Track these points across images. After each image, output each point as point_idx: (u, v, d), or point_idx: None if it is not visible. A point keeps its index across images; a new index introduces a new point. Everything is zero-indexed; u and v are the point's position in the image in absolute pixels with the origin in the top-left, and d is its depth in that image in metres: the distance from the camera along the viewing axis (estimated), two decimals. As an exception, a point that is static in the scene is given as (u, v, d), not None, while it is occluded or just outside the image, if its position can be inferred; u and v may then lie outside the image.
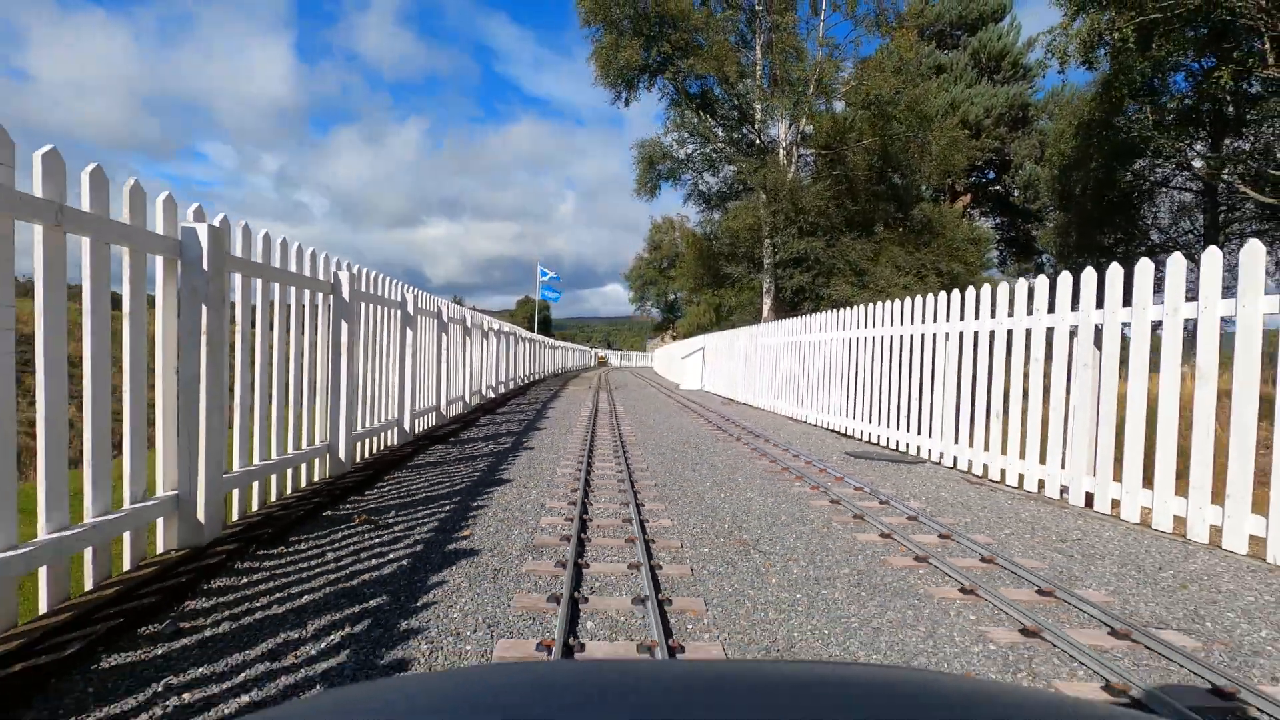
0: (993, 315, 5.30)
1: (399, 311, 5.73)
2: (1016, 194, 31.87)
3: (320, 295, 4.11)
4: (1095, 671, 1.93)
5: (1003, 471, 4.97)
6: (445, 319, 7.49)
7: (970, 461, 5.39)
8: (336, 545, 2.89)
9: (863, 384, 7.42)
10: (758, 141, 19.99)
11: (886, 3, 19.08)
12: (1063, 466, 4.45)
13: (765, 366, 11.45)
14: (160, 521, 2.58)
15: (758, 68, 19.56)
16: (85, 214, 2.14)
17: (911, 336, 6.44)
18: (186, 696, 1.64)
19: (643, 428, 7.79)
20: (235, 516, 3.09)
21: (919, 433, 6.21)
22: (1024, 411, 4.83)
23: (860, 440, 7.25)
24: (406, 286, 5.94)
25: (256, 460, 3.30)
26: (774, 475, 4.93)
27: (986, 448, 5.21)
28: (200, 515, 2.63)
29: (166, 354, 2.61)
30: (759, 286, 20.95)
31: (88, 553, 2.19)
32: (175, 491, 2.59)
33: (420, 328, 6.44)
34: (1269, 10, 13.15)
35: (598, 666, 0.45)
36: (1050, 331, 4.69)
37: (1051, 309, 4.70)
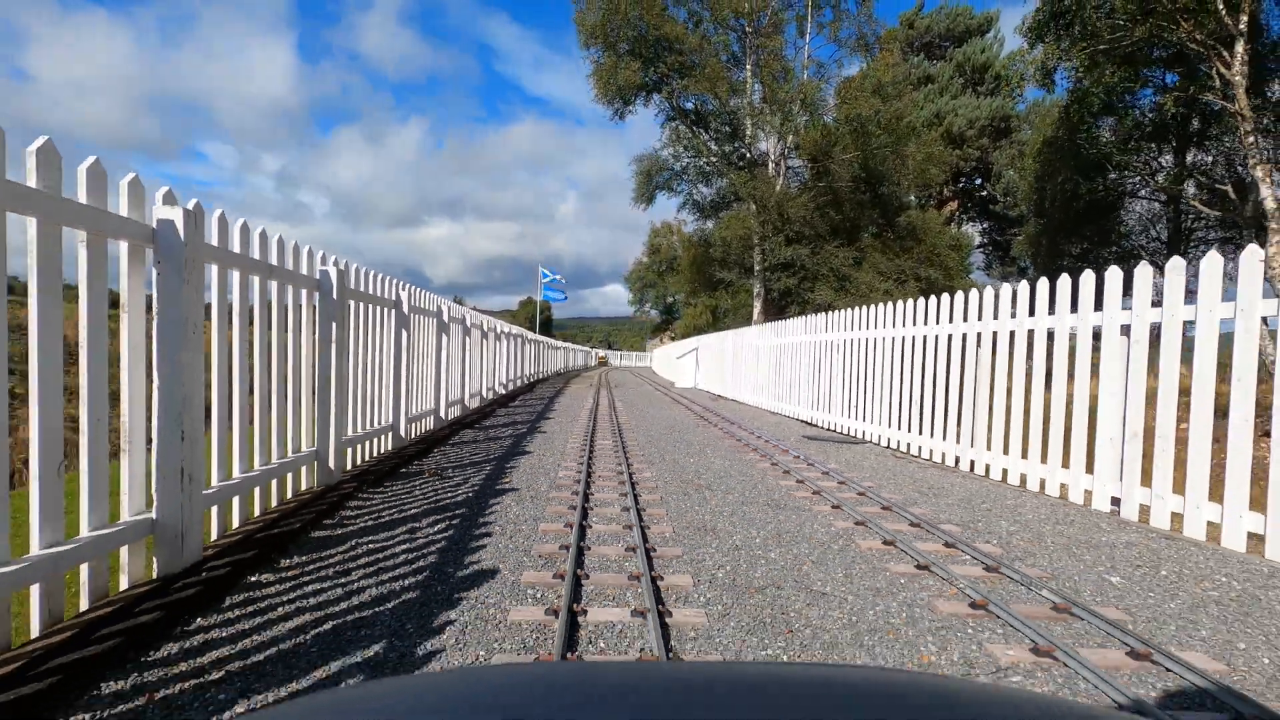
0: (914, 324, 6.69)
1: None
2: (998, 201, 33.23)
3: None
4: (879, 533, 3.31)
5: (920, 448, 6.37)
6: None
7: (897, 442, 6.78)
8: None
9: (823, 380, 8.81)
10: (748, 155, 21.39)
11: (866, 27, 20.47)
12: (957, 441, 5.84)
13: (748, 366, 12.85)
14: (305, 468, 3.97)
15: (748, 86, 20.95)
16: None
17: (856, 340, 7.84)
18: (371, 541, 3.04)
19: (637, 418, 9.19)
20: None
21: (863, 419, 7.60)
22: (934, 400, 6.21)
23: (820, 427, 8.64)
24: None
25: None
26: (736, 450, 6.33)
27: (909, 430, 6.60)
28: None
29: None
30: (750, 290, 22.33)
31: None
32: (315, 447, 3.98)
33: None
34: (1205, 42, 14.50)
35: (598, 667, 0.46)
36: (962, 337, 6.08)
37: (950, 319, 6.09)
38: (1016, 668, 2.00)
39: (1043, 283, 4.90)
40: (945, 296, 6.15)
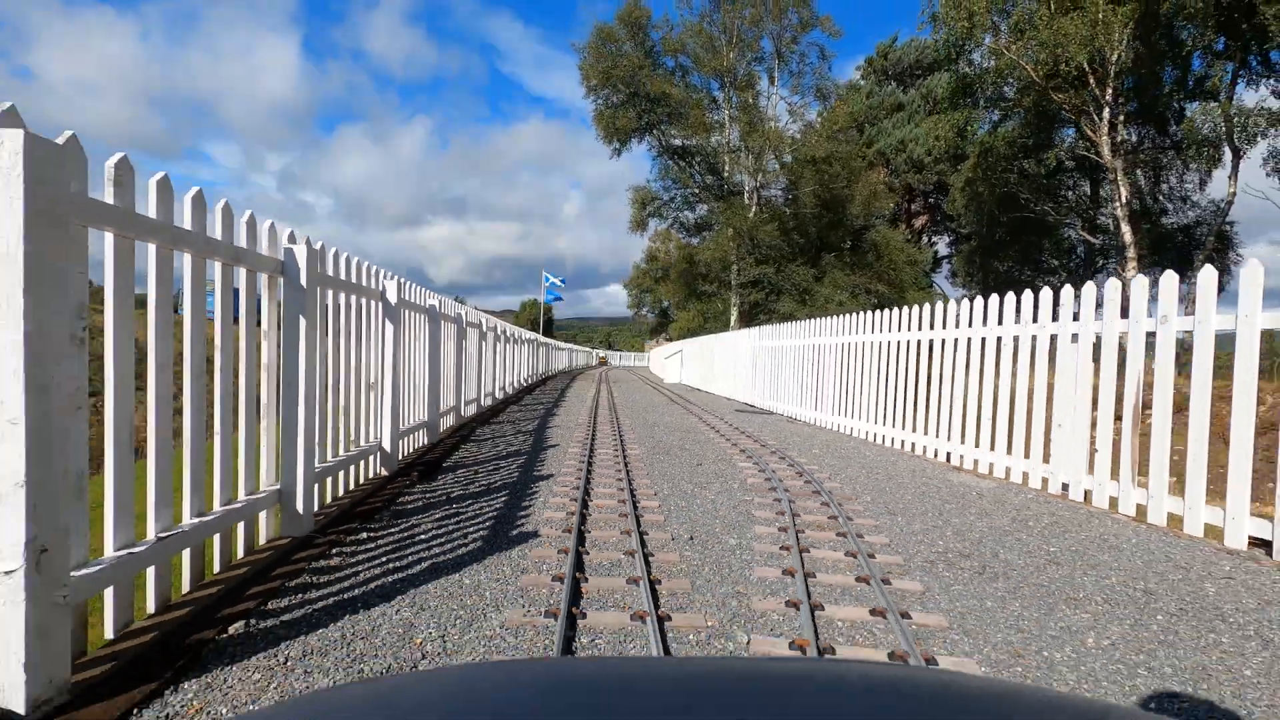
0: (804, 336, 10.53)
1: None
2: (955, 219, 37.11)
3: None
4: (728, 438, 7.11)
5: (801, 416, 10.20)
6: (499, 332, 12.71)
7: (795, 415, 10.62)
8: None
9: (759, 374, 12.66)
10: (726, 187, 25.27)
11: (825, 80, 24.34)
12: (815, 409, 9.67)
13: (716, 365, 16.72)
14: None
15: (726, 129, 24.81)
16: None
17: (776, 347, 11.69)
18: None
19: (628, 402, 13.03)
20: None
21: (777, 399, 11.45)
22: (818, 385, 10.02)
23: (752, 406, 12.47)
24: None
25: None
26: (686, 415, 10.18)
27: (798, 405, 10.45)
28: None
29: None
30: (729, 301, 26.21)
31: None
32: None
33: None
34: (1077, 108, 18.34)
35: (598, 664, 0.46)
36: (847, 345, 9.93)
37: (844, 331, 9.92)
38: (721, 451, 5.81)
39: (859, 315, 8.74)
40: (821, 319, 10.00)
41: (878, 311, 7.99)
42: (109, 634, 2.00)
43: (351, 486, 4.17)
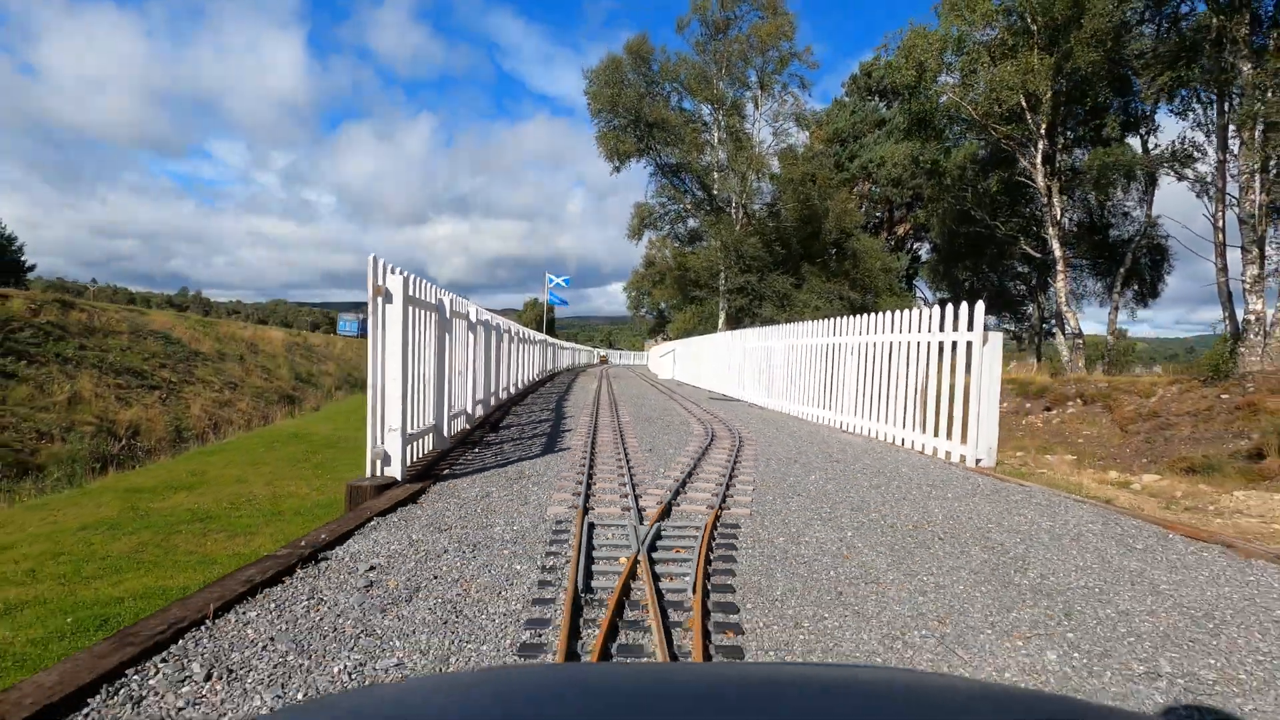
0: (761, 340, 13.44)
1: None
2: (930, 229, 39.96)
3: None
4: (697, 416, 10.00)
5: (763, 404, 13.12)
6: (524, 337, 15.60)
7: (755, 401, 13.52)
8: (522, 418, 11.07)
9: (730, 370, 15.58)
10: (715, 202, 28.19)
11: (804, 110, 27.25)
12: (769, 395, 12.58)
13: (702, 361, 19.65)
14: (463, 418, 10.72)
15: (715, 150, 27.71)
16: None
17: (743, 348, 14.60)
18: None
19: (624, 393, 15.95)
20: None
21: (744, 390, 14.36)
22: (769, 379, 12.90)
23: (726, 396, 15.37)
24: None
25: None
26: (669, 401, 13.09)
27: (766, 395, 13.36)
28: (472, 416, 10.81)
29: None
30: (716, 305, 29.14)
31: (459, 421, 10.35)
32: (482, 396, 10.72)
33: (501, 338, 14.43)
34: (1021, 141, 21.19)
35: (604, 670, 0.47)
36: (794, 347, 12.83)
37: (786, 336, 12.81)
38: (685, 420, 8.71)
39: (799, 324, 11.64)
40: (772, 327, 12.90)
41: (804, 322, 10.89)
42: (418, 457, 5.03)
43: (456, 430, 7.08)
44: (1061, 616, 2.62)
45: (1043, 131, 20.59)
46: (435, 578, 2.84)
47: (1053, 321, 24.59)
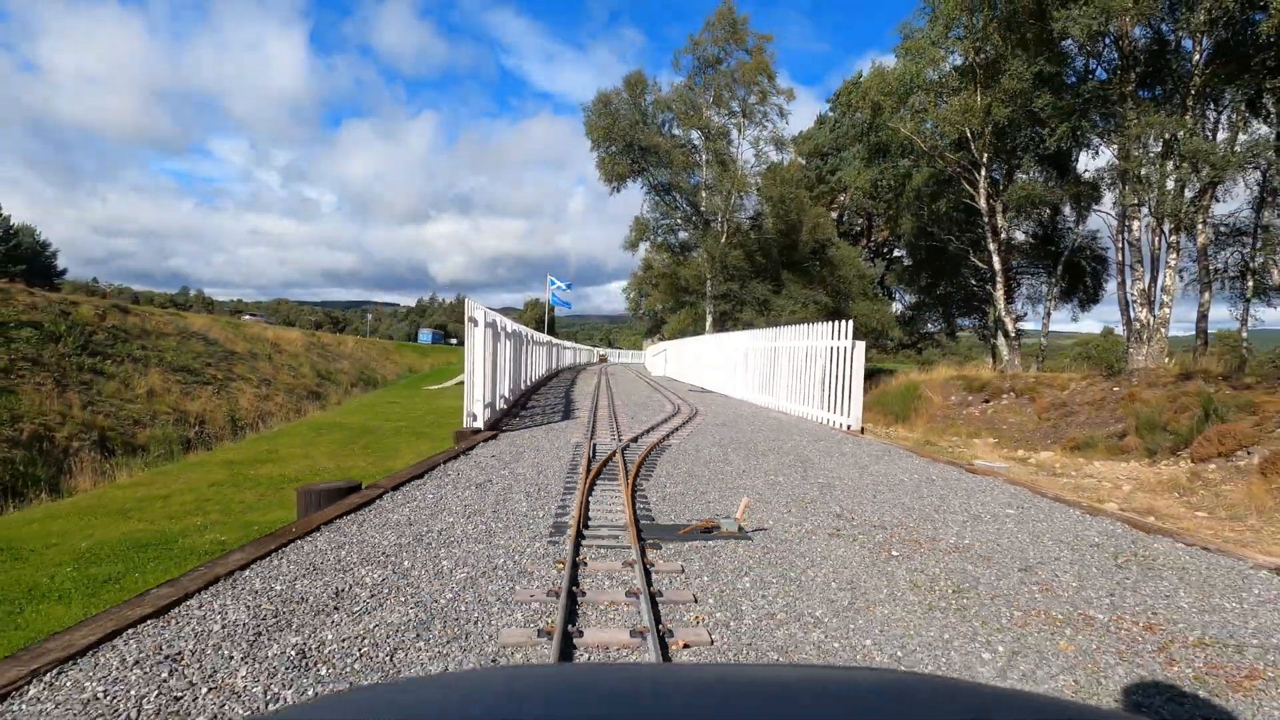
0: (728, 342, 16.64)
1: (511, 338, 16.86)
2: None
3: (507, 337, 15.21)
4: (676, 402, 13.18)
5: (734, 395, 16.33)
6: (538, 341, 18.82)
7: (724, 393, 16.72)
8: (541, 402, 14.30)
9: (705, 367, 18.79)
10: (703, 216, 31.38)
11: (783, 136, 30.44)
12: (739, 389, 15.79)
13: (686, 360, 22.88)
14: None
15: (703, 171, 30.92)
16: (507, 329, 13.47)
17: (717, 349, 17.81)
18: (530, 422, 13.06)
19: (620, 387, 19.18)
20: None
21: (717, 383, 17.56)
22: (731, 374, 16.09)
23: (703, 389, 18.58)
24: (511, 323, 16.87)
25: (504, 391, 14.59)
26: (655, 392, 16.31)
27: (727, 387, 16.57)
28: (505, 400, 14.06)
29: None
30: (704, 309, 32.37)
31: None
32: (512, 385, 13.95)
33: (524, 342, 17.67)
34: (965, 167, 24.36)
35: (600, 670, 0.47)
36: (755, 349, 16.05)
37: (743, 341, 16.01)
38: (662, 404, 11.91)
39: (756, 330, 14.85)
40: (735, 333, 16.09)
41: (756, 330, 14.10)
42: (487, 418, 8.29)
43: (500, 407, 10.29)
44: (824, 486, 5.85)
45: (984, 160, 23.77)
46: (521, 458, 6.10)
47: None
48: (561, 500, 4.71)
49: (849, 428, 9.52)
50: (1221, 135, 17.51)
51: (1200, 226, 17.30)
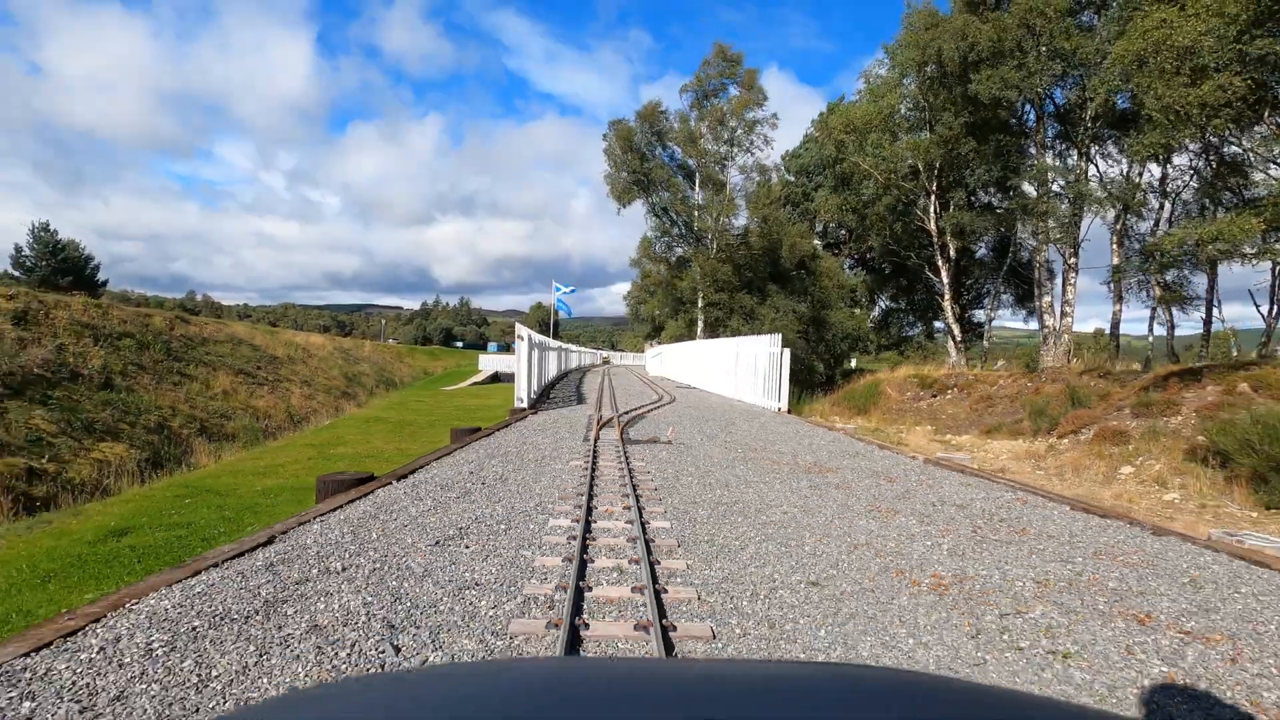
0: (709, 346, 20.57)
1: (539, 348, 20.72)
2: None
3: (535, 346, 19.06)
4: (666, 396, 17.07)
5: (719, 392, 20.25)
6: (553, 346, 22.78)
7: (706, 389, 20.63)
8: (561, 392, 18.28)
9: (692, 367, 22.71)
10: (696, 234, 35.39)
11: (768, 161, 34.53)
12: (717, 386, 19.71)
13: (677, 361, 26.82)
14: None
15: (696, 195, 34.92)
16: (541, 341, 17.42)
17: (702, 352, 21.75)
18: (554, 408, 17.03)
19: (620, 384, 23.11)
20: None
21: (699, 381, 21.47)
22: (708, 373, 19.97)
23: (688, 385, 22.48)
24: (540, 337, 20.66)
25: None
26: (648, 389, 20.27)
27: (708, 384, 20.49)
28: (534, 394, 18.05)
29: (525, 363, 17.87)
30: (697, 316, 36.37)
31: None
32: (538, 386, 17.92)
33: (547, 350, 21.61)
34: (917, 194, 28.19)
35: (596, 665, 0.47)
36: (740, 353, 19.97)
37: (720, 345, 19.93)
38: (652, 395, 15.82)
39: (729, 337, 18.78)
40: (716, 339, 20.00)
41: (726, 338, 17.99)
42: (530, 399, 12.36)
43: (534, 396, 14.25)
44: (728, 431, 9.77)
45: (933, 189, 27.66)
46: (560, 420, 10.08)
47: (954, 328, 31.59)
48: (585, 434, 8.71)
49: (779, 410, 13.42)
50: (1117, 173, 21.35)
51: (1106, 248, 21.17)
